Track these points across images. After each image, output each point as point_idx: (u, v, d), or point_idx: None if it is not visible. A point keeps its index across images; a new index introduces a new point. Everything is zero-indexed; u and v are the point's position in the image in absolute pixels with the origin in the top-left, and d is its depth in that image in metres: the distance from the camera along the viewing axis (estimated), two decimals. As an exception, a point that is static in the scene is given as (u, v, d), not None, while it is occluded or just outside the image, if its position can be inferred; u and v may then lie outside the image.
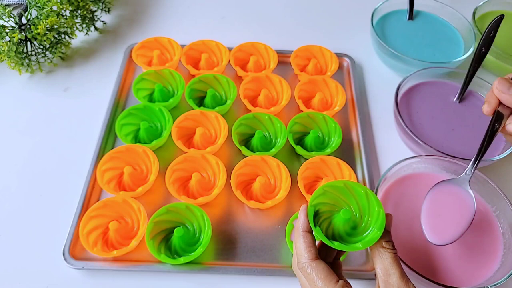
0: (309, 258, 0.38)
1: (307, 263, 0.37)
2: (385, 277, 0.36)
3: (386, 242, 0.37)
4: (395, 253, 0.37)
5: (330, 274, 0.37)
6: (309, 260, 0.37)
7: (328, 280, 0.36)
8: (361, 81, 0.70)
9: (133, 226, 0.51)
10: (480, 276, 0.47)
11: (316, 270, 0.37)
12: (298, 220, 0.40)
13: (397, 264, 0.36)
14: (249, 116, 0.59)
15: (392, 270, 0.36)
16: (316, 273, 0.37)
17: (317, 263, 0.37)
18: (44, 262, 0.49)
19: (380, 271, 0.37)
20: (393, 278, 0.36)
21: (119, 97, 0.64)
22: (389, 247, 0.37)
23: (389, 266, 0.36)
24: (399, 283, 0.35)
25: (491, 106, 0.45)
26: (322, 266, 0.37)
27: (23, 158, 0.58)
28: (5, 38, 0.62)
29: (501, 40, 0.67)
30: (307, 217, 0.39)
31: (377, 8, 0.72)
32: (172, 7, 0.81)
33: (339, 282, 0.36)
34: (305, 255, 0.38)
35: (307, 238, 0.39)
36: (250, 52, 0.69)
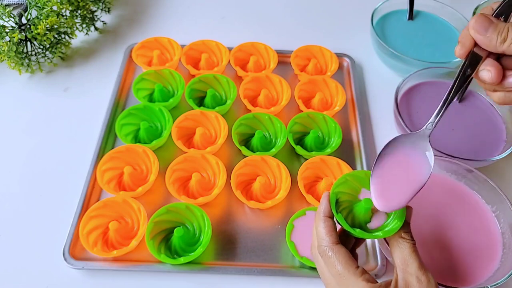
0: (331, 242, 0.37)
1: (328, 247, 0.37)
2: (404, 266, 0.36)
3: (405, 233, 0.37)
4: (413, 244, 0.37)
5: (350, 259, 0.36)
6: (330, 244, 0.37)
7: (348, 265, 0.36)
8: (361, 81, 0.70)
9: (133, 226, 0.51)
10: (480, 276, 0.47)
11: (338, 254, 0.37)
12: (320, 205, 0.40)
13: (416, 255, 0.36)
14: (249, 116, 0.59)
15: (411, 260, 0.36)
16: (337, 257, 0.36)
17: (339, 248, 0.37)
18: (44, 262, 0.49)
19: (399, 260, 0.36)
20: (412, 267, 0.35)
21: (119, 97, 0.64)
22: (408, 237, 0.37)
23: (408, 256, 0.36)
24: (418, 272, 0.35)
25: (465, 48, 0.38)
26: (343, 251, 0.37)
27: (23, 158, 0.58)
28: (5, 38, 0.62)
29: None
30: (329, 202, 0.39)
31: (377, 8, 0.72)
32: (172, 7, 0.81)
33: (359, 268, 0.36)
34: (327, 239, 0.37)
35: (328, 223, 0.38)
36: (250, 52, 0.69)
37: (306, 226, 0.50)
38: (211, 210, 0.53)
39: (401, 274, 0.36)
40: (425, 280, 0.35)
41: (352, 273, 0.35)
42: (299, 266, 0.49)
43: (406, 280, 0.35)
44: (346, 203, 0.41)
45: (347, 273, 0.36)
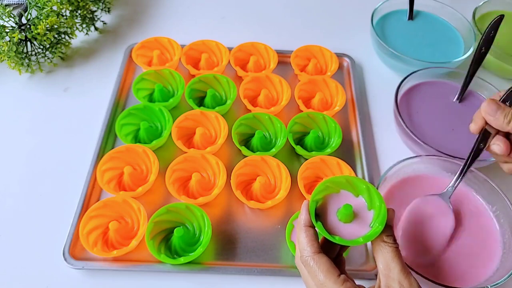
0: (312, 251, 0.38)
1: (310, 257, 0.37)
2: (386, 271, 0.36)
3: (387, 237, 0.38)
4: (396, 247, 0.37)
5: (332, 268, 0.37)
6: (311, 254, 0.38)
7: (330, 273, 0.36)
8: (361, 81, 0.70)
9: (133, 226, 0.51)
10: (480, 276, 0.47)
11: (319, 263, 0.37)
12: (300, 215, 0.40)
13: (398, 258, 0.36)
14: (249, 116, 0.59)
15: (393, 264, 0.36)
16: (318, 267, 0.37)
17: (319, 257, 0.37)
18: (44, 262, 0.49)
19: (381, 265, 0.37)
20: (394, 272, 0.36)
21: (119, 97, 0.64)
22: (390, 241, 0.37)
23: (390, 260, 0.36)
24: (400, 276, 0.35)
25: (478, 125, 0.46)
26: (324, 260, 0.37)
27: (23, 158, 0.58)
28: (5, 38, 0.62)
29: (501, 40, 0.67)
30: (309, 212, 0.39)
31: (377, 8, 0.72)
32: (172, 7, 0.81)
33: (340, 277, 0.36)
34: (307, 249, 0.38)
35: (309, 233, 0.39)
36: (250, 52, 0.69)
37: (306, 226, 0.50)
38: (211, 210, 0.53)
39: (383, 279, 0.36)
40: (407, 285, 0.35)
41: (333, 282, 0.36)
42: (299, 266, 0.49)
43: (388, 285, 0.36)
44: None
45: (328, 282, 0.36)
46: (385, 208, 0.38)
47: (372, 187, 0.40)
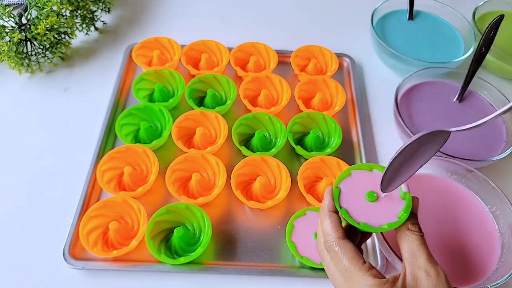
0: (337, 237, 0.37)
1: (335, 242, 0.37)
2: (412, 260, 0.35)
3: (412, 225, 0.37)
4: (421, 236, 0.36)
5: (357, 254, 0.36)
6: (336, 239, 0.37)
7: (355, 260, 0.35)
8: (361, 81, 0.70)
9: (133, 226, 0.51)
10: (479, 276, 0.47)
11: (344, 249, 0.36)
12: (323, 200, 0.39)
13: (424, 247, 0.36)
14: (249, 116, 0.59)
15: (419, 252, 0.35)
16: (343, 252, 0.36)
17: (345, 243, 0.36)
18: (44, 262, 0.49)
19: (407, 253, 0.36)
20: (420, 261, 0.35)
21: (119, 97, 0.64)
22: (415, 229, 0.36)
23: (416, 249, 0.35)
24: (427, 265, 0.35)
25: None
26: (349, 246, 0.36)
27: (23, 158, 0.58)
28: (5, 38, 0.62)
29: (501, 40, 0.67)
30: (333, 198, 0.39)
31: (377, 8, 0.72)
32: (172, 7, 0.81)
33: (366, 264, 0.35)
34: (332, 234, 0.37)
35: (333, 218, 0.38)
36: (250, 52, 0.69)
37: (306, 226, 0.50)
38: (211, 210, 0.53)
39: (409, 268, 0.35)
40: (434, 274, 0.34)
41: (358, 269, 0.35)
42: (299, 266, 0.49)
43: (415, 274, 0.34)
44: None
45: (353, 269, 0.35)
46: (410, 196, 0.38)
47: None
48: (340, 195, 0.39)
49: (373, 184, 0.40)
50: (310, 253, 0.48)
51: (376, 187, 0.40)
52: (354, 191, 0.40)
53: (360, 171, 0.41)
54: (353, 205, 0.39)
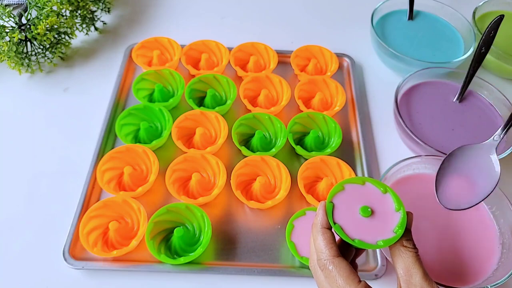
0: (331, 255, 0.36)
1: (329, 260, 0.36)
2: (407, 277, 0.35)
3: (407, 241, 0.36)
4: (416, 252, 0.36)
5: (352, 273, 0.35)
6: (330, 257, 0.36)
7: (350, 279, 0.35)
8: (361, 81, 0.70)
9: (133, 226, 0.51)
10: (479, 276, 0.47)
11: (338, 267, 0.35)
12: (316, 216, 0.39)
13: (419, 264, 0.35)
14: (249, 116, 0.59)
15: (414, 269, 0.35)
16: (338, 271, 0.35)
17: (339, 261, 0.36)
18: (44, 262, 0.49)
19: (402, 270, 0.35)
20: (415, 278, 0.34)
21: (119, 97, 0.64)
22: (410, 246, 0.36)
23: (411, 266, 0.35)
24: (422, 283, 0.34)
25: None
26: (344, 264, 0.36)
27: (23, 158, 0.58)
28: (5, 38, 0.62)
29: (501, 40, 0.67)
30: (326, 213, 0.38)
31: (377, 8, 0.72)
32: (172, 7, 0.81)
33: (361, 283, 0.35)
34: (326, 252, 0.36)
35: (327, 235, 0.37)
36: (250, 52, 0.69)
37: (306, 226, 0.50)
38: (211, 210, 0.53)
39: (404, 285, 0.35)
40: None
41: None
42: (299, 266, 0.49)
43: None
44: None
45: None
46: (404, 212, 0.37)
47: (391, 190, 0.39)
48: (334, 210, 0.39)
49: (366, 198, 0.39)
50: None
51: (370, 201, 0.39)
52: (348, 206, 0.39)
53: (353, 185, 0.40)
54: (347, 221, 0.38)
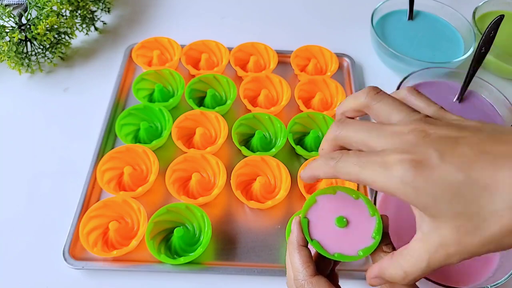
0: (308, 274, 0.34)
1: (306, 281, 0.34)
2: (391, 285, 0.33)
3: (386, 246, 0.35)
4: None
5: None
6: (308, 277, 0.34)
7: None
8: (361, 81, 0.70)
9: (133, 226, 0.51)
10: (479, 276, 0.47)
11: (317, 287, 0.34)
12: (291, 234, 0.37)
13: None
14: (249, 116, 0.59)
15: None
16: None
17: (317, 280, 0.34)
18: (44, 262, 0.49)
19: None
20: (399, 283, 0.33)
21: (119, 97, 0.64)
22: (389, 250, 0.35)
23: None
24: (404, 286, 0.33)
25: None
26: (322, 282, 0.34)
27: (23, 158, 0.58)
28: (5, 38, 0.62)
29: (501, 40, 0.67)
30: (302, 230, 0.36)
31: (377, 8, 0.72)
32: (172, 7, 0.81)
33: None
34: (303, 272, 0.35)
35: (303, 253, 0.35)
36: (250, 52, 0.69)
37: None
38: (211, 210, 0.53)
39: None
40: None
41: None
42: (299, 266, 0.49)
43: None
44: None
45: None
46: (379, 218, 0.36)
47: (363, 197, 0.38)
48: (309, 225, 0.37)
49: (340, 208, 0.38)
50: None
51: (344, 211, 0.38)
52: (323, 219, 0.38)
53: (325, 196, 0.39)
54: (324, 235, 0.37)
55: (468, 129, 0.28)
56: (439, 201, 0.26)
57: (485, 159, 0.25)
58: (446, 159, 0.26)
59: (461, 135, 0.27)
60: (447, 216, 0.26)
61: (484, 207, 0.25)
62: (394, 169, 0.27)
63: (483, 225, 0.25)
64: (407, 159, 0.27)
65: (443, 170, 0.25)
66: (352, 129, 0.32)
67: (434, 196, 0.26)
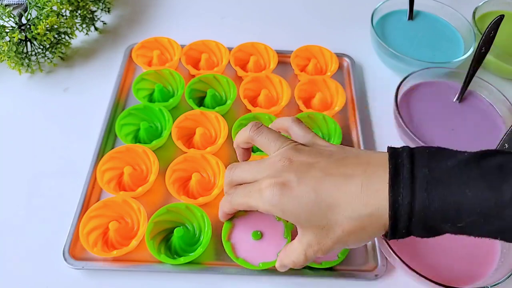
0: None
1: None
2: None
3: None
4: None
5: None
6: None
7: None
8: (361, 81, 0.70)
9: (133, 226, 0.51)
10: (479, 276, 0.47)
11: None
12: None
13: None
14: (249, 116, 0.59)
15: None
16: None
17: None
18: (44, 262, 0.49)
19: None
20: None
21: (119, 97, 0.64)
22: None
23: None
24: None
25: None
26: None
27: (23, 158, 0.58)
28: (5, 38, 0.62)
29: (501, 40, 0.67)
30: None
31: (377, 8, 0.72)
32: (172, 7, 0.81)
33: None
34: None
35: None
36: (250, 52, 0.69)
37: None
38: (211, 210, 0.53)
39: None
40: None
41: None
42: (299, 266, 0.49)
43: None
44: None
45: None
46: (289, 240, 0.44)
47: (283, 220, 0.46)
48: (233, 229, 0.46)
49: (252, 223, 0.46)
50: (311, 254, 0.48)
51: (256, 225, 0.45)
52: (245, 228, 0.45)
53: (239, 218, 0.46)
54: (247, 252, 0.45)
55: (323, 155, 0.36)
56: (299, 217, 0.35)
57: (329, 180, 0.34)
58: (302, 181, 0.34)
59: (316, 160, 0.35)
60: (307, 227, 0.35)
61: (331, 218, 0.34)
62: (264, 193, 0.35)
63: (332, 231, 0.34)
64: (274, 182, 0.35)
65: (300, 191, 0.34)
66: (239, 170, 0.40)
67: (295, 214, 0.35)
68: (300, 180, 0.34)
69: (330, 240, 0.34)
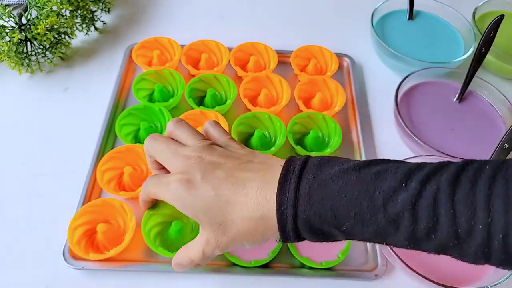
0: None
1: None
2: None
3: None
4: None
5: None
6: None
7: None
8: (361, 81, 0.70)
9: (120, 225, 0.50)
10: (479, 276, 0.47)
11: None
12: None
13: None
14: (249, 115, 0.59)
15: None
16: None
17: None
18: (44, 262, 0.49)
19: None
20: None
21: (119, 97, 0.64)
22: None
23: None
24: None
25: None
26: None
27: (23, 158, 0.58)
28: (5, 38, 0.62)
29: (501, 40, 0.67)
30: None
31: (377, 8, 0.72)
32: (172, 7, 0.81)
33: None
34: None
35: None
36: (250, 52, 0.69)
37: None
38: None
39: None
40: None
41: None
42: (299, 266, 0.49)
43: None
44: None
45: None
46: None
47: None
48: None
49: None
50: (310, 253, 0.48)
51: None
52: None
53: None
54: None
55: (232, 157, 0.38)
56: (198, 213, 0.36)
57: (230, 181, 0.35)
58: (205, 180, 0.36)
59: (223, 161, 0.37)
60: (206, 223, 0.36)
61: (227, 217, 0.35)
62: (170, 187, 0.37)
63: (228, 229, 0.35)
64: (180, 178, 0.36)
65: (202, 189, 0.36)
66: (158, 148, 0.41)
67: (195, 209, 0.36)
68: (204, 178, 0.36)
69: (226, 238, 0.36)
